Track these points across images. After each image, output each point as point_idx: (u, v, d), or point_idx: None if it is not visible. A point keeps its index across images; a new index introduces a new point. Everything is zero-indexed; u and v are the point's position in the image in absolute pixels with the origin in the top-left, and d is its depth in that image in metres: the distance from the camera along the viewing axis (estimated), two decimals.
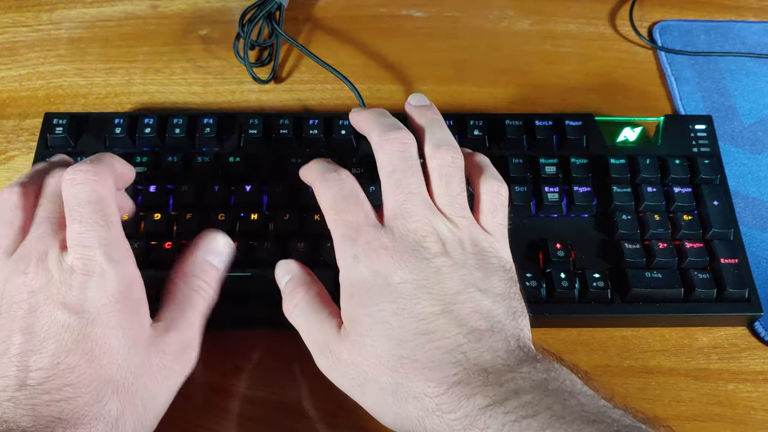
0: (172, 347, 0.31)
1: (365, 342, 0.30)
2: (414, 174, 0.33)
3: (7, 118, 0.48)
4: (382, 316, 0.30)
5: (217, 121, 0.43)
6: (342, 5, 0.56)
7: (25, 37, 0.53)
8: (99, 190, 0.31)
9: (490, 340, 0.30)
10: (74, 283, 0.29)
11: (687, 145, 0.44)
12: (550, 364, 0.29)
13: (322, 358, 0.32)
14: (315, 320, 0.33)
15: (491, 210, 0.34)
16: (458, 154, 0.34)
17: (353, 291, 0.32)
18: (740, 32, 0.54)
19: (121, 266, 0.30)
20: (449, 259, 0.31)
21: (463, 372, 0.28)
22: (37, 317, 0.29)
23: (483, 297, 0.31)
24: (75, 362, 0.28)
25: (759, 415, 0.38)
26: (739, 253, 0.40)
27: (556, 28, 0.55)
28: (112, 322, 0.29)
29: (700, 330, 0.40)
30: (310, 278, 0.35)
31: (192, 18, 0.54)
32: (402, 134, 0.34)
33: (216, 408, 0.37)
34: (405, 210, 0.32)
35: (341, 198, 0.33)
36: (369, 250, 0.31)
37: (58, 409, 0.27)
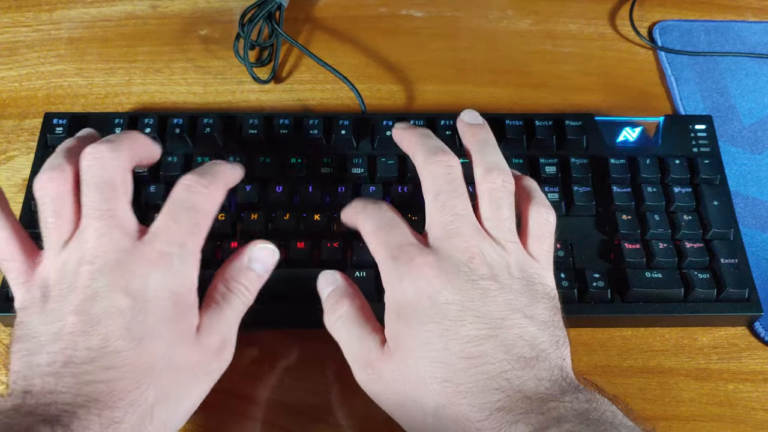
0: (212, 345, 0.32)
1: (408, 363, 0.30)
2: (460, 196, 0.33)
3: (7, 118, 0.48)
4: (427, 337, 0.30)
5: (217, 121, 0.43)
6: (342, 5, 0.56)
7: (25, 37, 0.53)
8: (204, 205, 0.32)
9: (535, 368, 0.29)
10: (141, 271, 0.30)
11: (687, 145, 0.44)
12: (592, 395, 0.29)
13: (363, 373, 0.32)
14: (357, 335, 0.32)
15: (539, 237, 0.34)
16: (509, 179, 0.34)
17: (399, 311, 0.31)
18: (740, 32, 0.54)
19: (188, 269, 0.31)
20: (496, 282, 0.31)
21: (506, 398, 0.28)
22: (96, 301, 0.29)
23: (529, 323, 0.30)
24: (122, 347, 0.29)
25: (759, 415, 0.38)
26: (739, 253, 0.40)
27: (556, 28, 0.55)
28: (164, 314, 0.30)
29: (700, 330, 0.40)
30: (353, 291, 0.35)
31: (192, 18, 0.54)
32: (448, 157, 0.34)
33: (217, 408, 0.37)
34: (451, 231, 0.32)
35: (384, 223, 0.33)
36: (413, 268, 0.31)
37: (97, 390, 0.28)
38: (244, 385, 0.38)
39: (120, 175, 0.32)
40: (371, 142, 0.44)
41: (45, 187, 0.32)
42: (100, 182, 0.31)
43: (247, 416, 0.37)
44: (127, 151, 0.32)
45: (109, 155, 0.31)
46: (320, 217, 0.40)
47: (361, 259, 0.39)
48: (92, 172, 0.31)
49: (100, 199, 0.31)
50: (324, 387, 0.38)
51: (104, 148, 0.31)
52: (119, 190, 0.32)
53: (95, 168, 0.31)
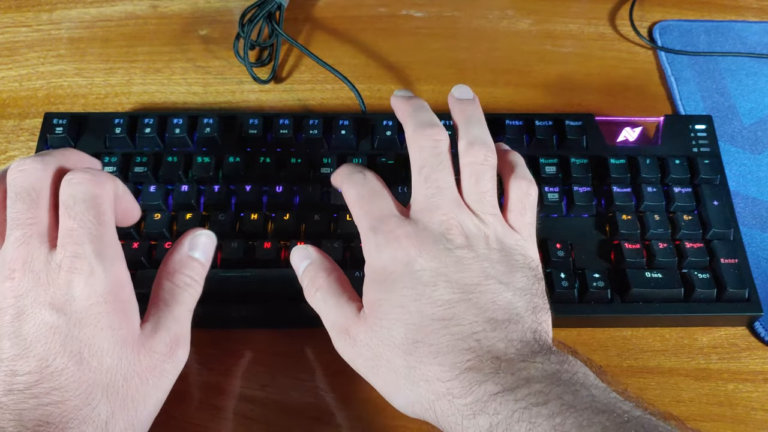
0: (162, 346, 0.31)
1: (382, 325, 0.31)
2: (444, 170, 0.34)
3: (7, 118, 0.48)
4: (401, 301, 0.31)
5: (217, 121, 0.43)
6: (342, 5, 0.56)
7: (25, 37, 0.53)
8: (96, 191, 0.30)
9: (506, 330, 0.30)
10: (61, 281, 0.29)
11: (687, 145, 0.44)
12: (564, 357, 0.29)
13: (340, 340, 0.33)
14: (335, 303, 0.33)
15: (520, 209, 0.34)
16: (491, 153, 0.34)
17: (375, 277, 0.32)
18: (740, 32, 0.54)
19: (111, 265, 0.29)
20: (471, 251, 0.32)
21: (476, 359, 0.29)
22: (24, 320, 0.28)
23: (504, 289, 0.31)
24: (63, 365, 0.28)
25: (759, 415, 0.38)
26: (739, 253, 0.40)
27: (556, 28, 0.55)
28: (101, 323, 0.29)
29: (700, 330, 0.40)
30: (329, 263, 0.35)
31: (192, 18, 0.54)
32: (435, 131, 0.34)
33: (216, 408, 0.37)
34: (432, 204, 0.33)
35: (366, 193, 0.34)
36: (391, 238, 0.32)
37: (46, 413, 0.27)
38: (243, 385, 0.38)
39: (45, 184, 0.30)
40: (371, 142, 0.44)
41: None
42: (22, 191, 0.30)
43: (246, 416, 0.37)
44: (54, 162, 0.31)
45: (33, 166, 0.30)
46: (320, 217, 0.40)
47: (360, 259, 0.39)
48: (15, 183, 0.30)
49: (21, 208, 0.30)
50: (322, 386, 0.38)
51: (29, 161, 0.31)
52: (42, 199, 0.30)
53: (18, 179, 0.30)
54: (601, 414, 0.26)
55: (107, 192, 0.31)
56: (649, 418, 0.26)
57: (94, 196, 0.30)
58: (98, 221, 0.30)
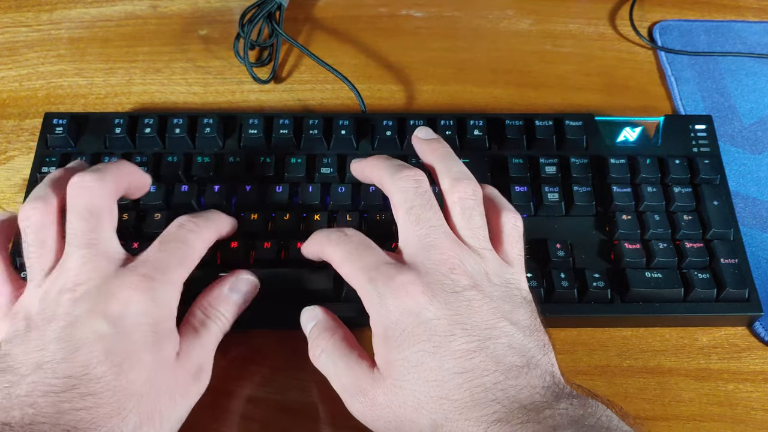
0: (192, 369, 0.32)
1: (403, 386, 0.30)
2: (432, 208, 0.33)
3: (7, 118, 0.48)
4: (419, 358, 0.30)
5: (217, 121, 0.43)
6: (342, 5, 0.56)
7: (25, 37, 0.53)
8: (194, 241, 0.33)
9: (528, 376, 0.29)
10: (123, 296, 0.30)
11: (687, 145, 0.44)
12: (586, 400, 0.29)
13: (355, 402, 0.32)
14: (344, 364, 0.32)
15: (510, 242, 0.34)
16: (478, 188, 0.34)
17: (386, 334, 0.31)
18: (740, 32, 0.54)
19: (170, 296, 0.31)
20: (479, 292, 0.31)
21: (503, 410, 0.28)
22: (76, 328, 0.29)
23: (515, 330, 0.31)
24: (102, 373, 0.29)
25: (759, 415, 0.38)
26: (739, 253, 0.40)
27: (556, 28, 0.55)
28: (146, 341, 0.30)
29: (700, 330, 0.40)
30: (335, 323, 0.35)
31: (192, 18, 0.54)
32: (414, 171, 0.34)
33: (216, 408, 0.37)
34: (428, 243, 0.32)
35: (353, 248, 0.33)
36: (393, 286, 0.31)
37: (77, 417, 0.27)
38: (243, 385, 0.38)
39: (105, 203, 0.32)
40: (371, 142, 0.44)
41: (29, 217, 0.32)
42: (85, 211, 0.31)
43: (245, 416, 0.37)
44: (112, 180, 0.32)
45: (94, 184, 0.31)
46: (320, 217, 0.40)
47: None
48: (77, 201, 0.31)
49: (85, 227, 0.31)
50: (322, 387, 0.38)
51: (90, 178, 0.32)
52: (104, 219, 0.32)
53: (80, 197, 0.31)
54: None
55: (204, 245, 0.34)
56: None
57: (192, 246, 0.33)
58: (182, 262, 0.32)
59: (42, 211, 0.32)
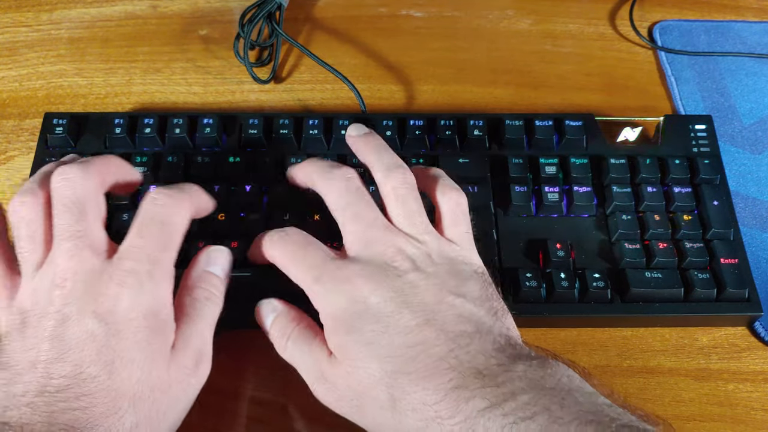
0: (188, 361, 0.31)
1: (357, 365, 0.30)
2: (366, 203, 0.34)
3: (7, 118, 0.48)
4: (369, 337, 0.30)
5: (217, 121, 0.43)
6: (342, 5, 0.56)
7: (25, 37, 0.53)
8: (174, 218, 0.32)
9: (480, 341, 0.30)
10: (110, 292, 0.30)
11: (687, 145, 0.44)
12: (545, 360, 0.29)
13: (319, 386, 0.32)
14: (308, 350, 0.33)
15: (453, 220, 0.35)
16: (409, 174, 0.34)
17: (335, 323, 0.32)
18: (740, 32, 0.54)
19: (160, 286, 0.31)
20: (421, 273, 0.32)
21: (459, 376, 0.29)
22: (68, 326, 0.29)
23: (462, 302, 0.31)
24: (96, 372, 0.29)
25: (759, 415, 0.38)
26: (739, 253, 0.40)
27: (556, 28, 0.55)
28: (137, 337, 0.30)
29: (700, 330, 0.40)
30: (296, 312, 0.35)
31: (192, 18, 0.54)
32: (343, 170, 0.35)
33: (216, 408, 0.37)
34: (367, 238, 0.33)
35: (297, 247, 0.34)
36: (339, 280, 0.32)
37: (73, 417, 0.27)
38: (243, 385, 0.38)
39: (89, 195, 0.32)
40: None
41: (17, 211, 0.32)
42: (69, 203, 0.31)
43: (246, 416, 0.37)
44: (96, 173, 0.32)
45: (76, 175, 0.31)
46: (320, 217, 0.40)
47: None
48: (61, 193, 0.31)
49: (70, 219, 0.31)
50: None
51: (74, 169, 0.31)
52: (90, 211, 0.31)
53: (64, 189, 0.31)
54: (589, 424, 0.26)
55: (183, 219, 0.32)
56: (637, 424, 0.26)
57: (171, 222, 0.32)
58: (165, 247, 0.31)
59: (30, 205, 0.31)
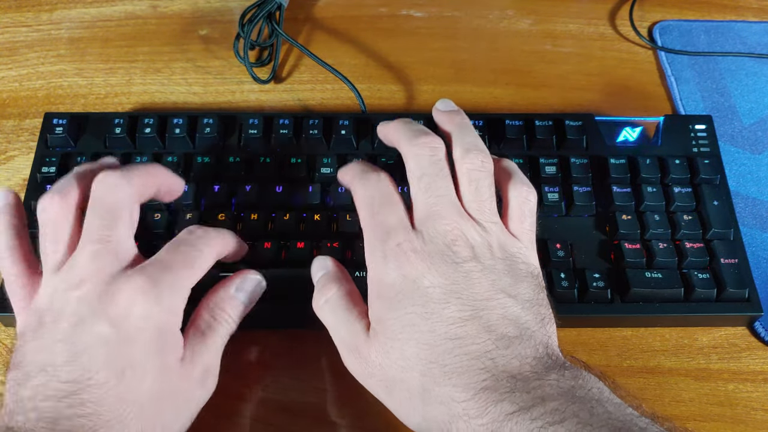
0: (196, 374, 0.32)
1: (394, 345, 0.30)
2: (443, 178, 0.33)
3: (7, 118, 0.48)
4: (411, 319, 0.30)
5: (217, 121, 0.43)
6: (342, 5, 0.56)
7: (25, 37, 0.53)
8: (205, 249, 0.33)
9: (519, 347, 0.29)
10: (125, 298, 0.29)
11: (687, 145, 0.44)
12: (578, 372, 0.29)
13: (350, 357, 0.32)
14: (344, 318, 0.33)
15: (519, 216, 0.34)
16: (488, 159, 0.34)
17: (381, 292, 0.31)
18: (740, 32, 0.54)
19: (174, 300, 0.31)
20: (479, 263, 0.31)
21: (491, 378, 0.28)
22: (81, 330, 0.29)
23: (512, 303, 0.31)
24: (105, 379, 0.28)
25: (759, 415, 0.38)
26: (739, 253, 0.40)
27: (556, 28, 0.55)
28: (149, 346, 0.30)
29: (700, 330, 0.40)
30: (343, 275, 0.35)
31: (192, 18, 0.54)
32: (430, 138, 0.34)
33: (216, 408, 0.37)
34: (434, 212, 0.32)
35: (378, 198, 0.33)
36: (399, 252, 0.31)
37: (78, 424, 0.27)
38: (243, 386, 0.38)
39: (126, 203, 0.32)
40: (371, 142, 0.44)
41: (46, 209, 0.31)
42: (103, 208, 0.31)
43: (246, 416, 0.37)
44: (138, 182, 0.32)
45: (118, 182, 0.31)
46: (320, 217, 0.40)
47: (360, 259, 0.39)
48: (97, 197, 0.31)
49: (100, 224, 0.31)
50: (323, 387, 0.38)
51: (116, 175, 0.32)
52: (122, 219, 0.31)
53: (101, 193, 0.31)
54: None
55: (212, 252, 0.33)
56: None
57: (202, 254, 0.33)
58: (191, 265, 0.32)
59: (59, 205, 0.31)
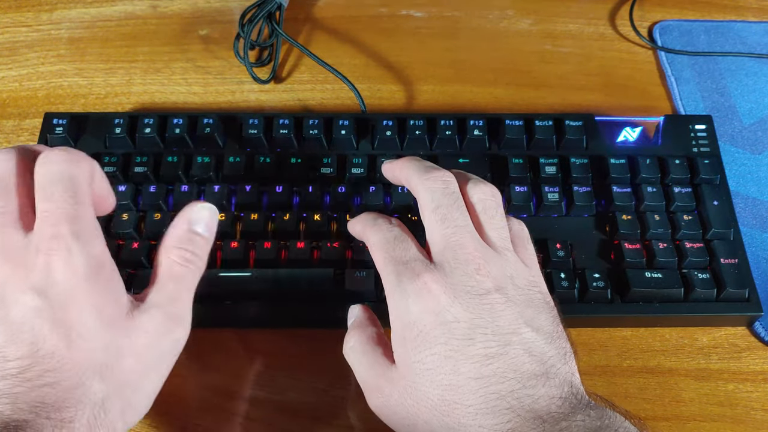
0: (155, 324, 0.30)
1: (416, 387, 0.30)
2: (459, 209, 0.33)
3: (7, 118, 0.48)
4: (434, 360, 0.29)
5: (217, 121, 0.43)
6: (342, 5, 0.56)
7: (25, 37, 0.53)
8: (72, 170, 0.29)
9: (546, 386, 0.29)
10: (40, 264, 0.28)
11: (687, 145, 0.44)
12: (604, 411, 0.28)
13: (374, 397, 0.32)
14: (367, 361, 0.32)
15: (521, 243, 0.34)
16: (496, 191, 0.34)
17: (405, 333, 0.31)
18: (740, 32, 0.54)
19: (89, 244, 0.29)
20: (502, 295, 0.30)
21: (517, 419, 0.28)
22: (9, 307, 0.28)
23: (536, 337, 0.30)
24: (53, 347, 0.28)
25: (759, 415, 0.38)
26: (739, 253, 0.40)
27: (556, 28, 0.55)
28: (85, 303, 0.28)
29: (700, 330, 0.40)
30: (368, 321, 0.34)
31: (192, 18, 0.54)
32: (442, 173, 0.34)
33: (216, 408, 0.37)
34: (454, 243, 0.32)
35: (392, 239, 0.33)
36: (419, 285, 0.31)
37: (42, 394, 0.27)
38: (243, 385, 0.38)
39: (12, 171, 0.30)
40: (371, 142, 0.44)
41: None
42: None
43: (246, 416, 0.37)
44: (22, 152, 0.31)
45: (2, 156, 0.30)
46: (320, 217, 0.40)
47: (360, 259, 0.39)
48: None
49: None
50: (322, 387, 0.38)
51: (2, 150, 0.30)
52: (11, 186, 0.30)
53: None
54: None
55: (84, 171, 0.30)
56: None
57: (71, 176, 0.29)
58: (75, 201, 0.29)
59: None
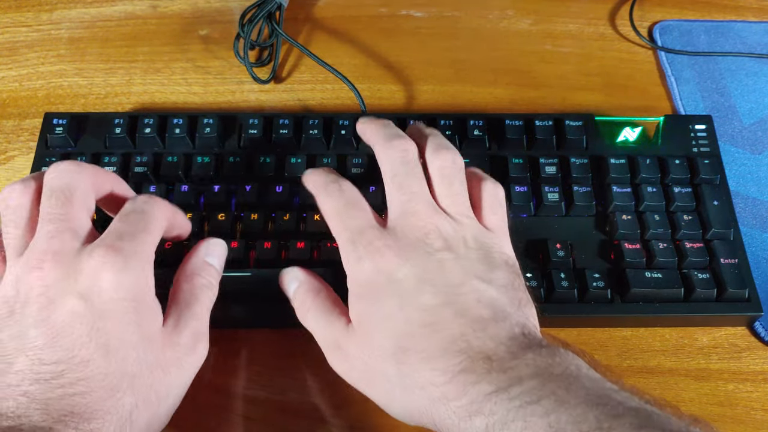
0: (184, 339, 0.32)
1: (372, 337, 0.31)
2: (415, 176, 0.34)
3: (7, 118, 0.48)
4: (387, 311, 0.31)
5: (217, 121, 0.43)
6: (342, 5, 0.56)
7: (25, 37, 0.53)
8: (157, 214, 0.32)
9: (495, 328, 0.30)
10: (91, 271, 0.29)
11: (687, 145, 0.44)
12: (555, 349, 0.29)
13: (332, 355, 0.33)
14: (325, 321, 0.34)
15: (491, 208, 0.35)
16: (458, 157, 0.35)
17: (360, 291, 0.33)
18: (740, 32, 0.54)
19: (142, 267, 0.30)
20: (452, 253, 0.32)
21: (468, 360, 0.29)
22: (52, 310, 0.29)
23: (487, 287, 0.31)
24: (89, 356, 0.28)
25: (759, 415, 0.38)
26: (739, 253, 0.40)
27: (556, 28, 0.55)
28: (126, 318, 0.29)
29: (700, 330, 0.40)
30: (317, 282, 0.36)
31: (192, 18, 0.54)
32: (403, 141, 0.35)
33: (216, 408, 0.37)
34: (408, 209, 0.33)
35: (343, 205, 0.34)
36: (372, 249, 0.32)
37: (72, 403, 0.27)
38: (243, 385, 0.38)
39: (79, 186, 0.31)
40: None
41: (5, 199, 0.32)
42: (57, 189, 0.31)
43: (246, 416, 0.37)
44: (89, 172, 0.32)
45: (70, 168, 0.31)
46: (320, 217, 0.40)
47: None
48: (51, 181, 0.31)
49: (55, 203, 0.31)
50: (322, 386, 0.38)
51: (67, 163, 0.32)
52: (76, 199, 0.31)
53: (54, 178, 0.31)
54: (595, 407, 0.26)
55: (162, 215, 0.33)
56: (644, 407, 0.26)
57: (154, 217, 0.32)
58: (144, 230, 0.31)
59: (18, 193, 0.32)
